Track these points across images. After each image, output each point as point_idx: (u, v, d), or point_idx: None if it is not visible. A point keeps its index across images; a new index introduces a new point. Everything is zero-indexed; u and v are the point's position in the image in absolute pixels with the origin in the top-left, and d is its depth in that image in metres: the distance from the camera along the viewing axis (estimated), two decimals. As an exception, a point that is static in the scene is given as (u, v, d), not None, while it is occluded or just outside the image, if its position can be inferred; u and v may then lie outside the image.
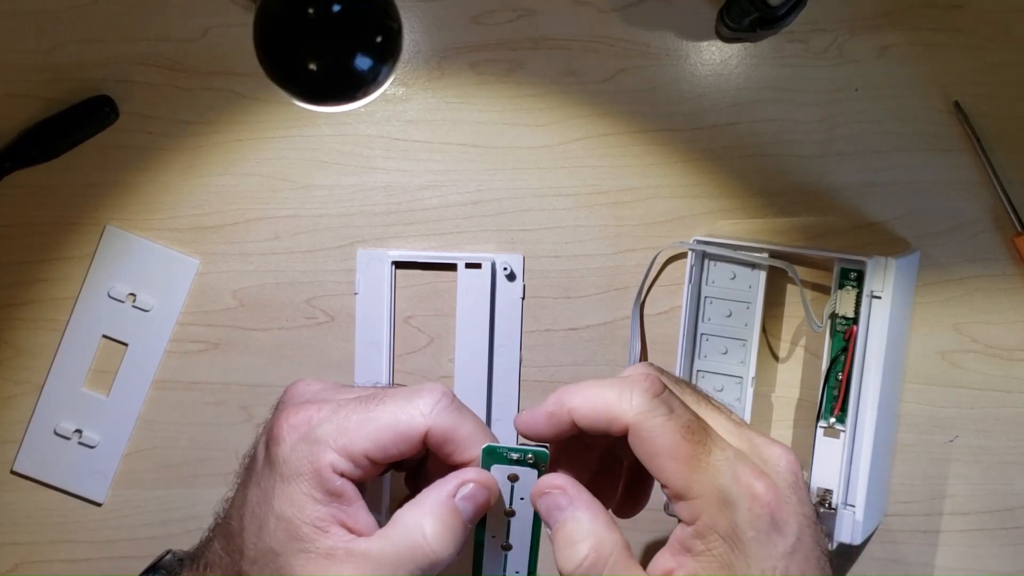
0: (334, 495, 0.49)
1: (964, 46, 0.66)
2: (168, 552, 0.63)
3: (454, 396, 0.51)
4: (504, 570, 0.52)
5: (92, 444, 0.69)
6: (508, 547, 0.52)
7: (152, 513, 0.70)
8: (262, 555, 0.50)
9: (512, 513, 0.52)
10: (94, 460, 0.69)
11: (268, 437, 0.52)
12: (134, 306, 0.68)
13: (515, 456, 0.51)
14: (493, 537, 0.52)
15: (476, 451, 0.50)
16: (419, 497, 0.50)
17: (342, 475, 0.50)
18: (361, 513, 0.50)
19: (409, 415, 0.50)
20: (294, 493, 0.50)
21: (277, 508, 0.50)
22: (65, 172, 0.68)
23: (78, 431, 0.69)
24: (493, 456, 0.51)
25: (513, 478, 0.51)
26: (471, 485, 0.50)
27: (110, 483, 0.69)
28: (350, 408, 0.51)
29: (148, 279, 0.68)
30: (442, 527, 0.49)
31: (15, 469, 0.69)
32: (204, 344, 0.69)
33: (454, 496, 0.50)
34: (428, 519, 0.49)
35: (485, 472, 0.51)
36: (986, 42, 0.66)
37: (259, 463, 0.52)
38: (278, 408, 0.54)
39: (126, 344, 0.69)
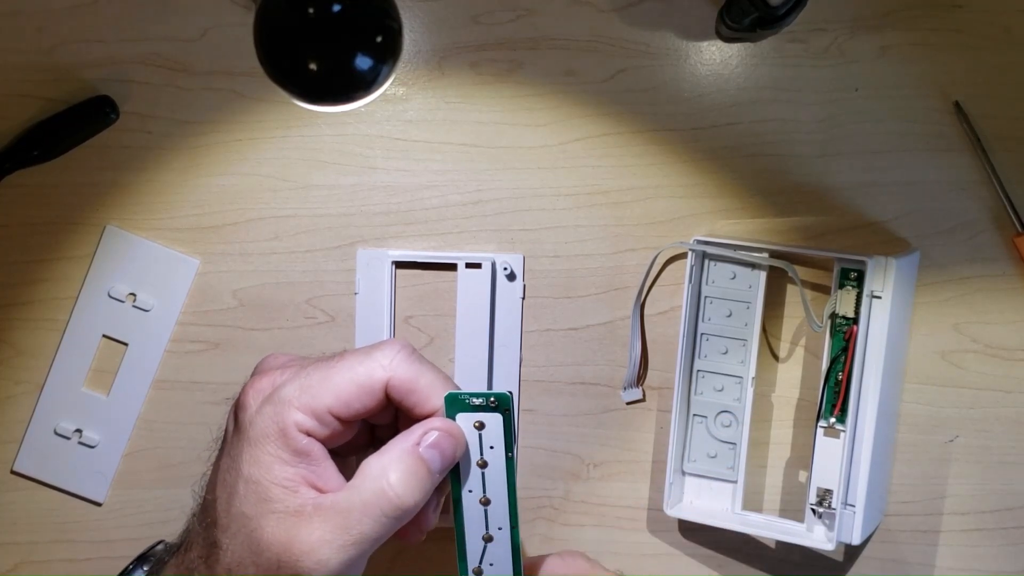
0: (301, 454, 0.50)
1: (964, 46, 0.66)
2: (160, 542, 0.63)
3: (413, 349, 0.52)
4: (487, 527, 0.52)
5: (92, 444, 0.69)
6: (487, 501, 0.52)
7: (152, 513, 0.70)
8: (234, 520, 0.50)
9: (485, 464, 0.52)
10: (94, 460, 0.69)
11: (235, 405, 0.52)
12: (134, 306, 0.68)
13: (478, 401, 0.51)
14: (470, 492, 0.52)
15: (439, 401, 0.51)
16: (385, 447, 0.50)
17: (308, 434, 0.50)
18: (330, 471, 0.50)
19: (368, 368, 0.50)
20: (261, 455, 0.50)
21: (245, 472, 0.50)
22: (65, 172, 0.68)
23: (78, 431, 0.69)
24: (456, 404, 0.51)
25: (479, 426, 0.51)
26: (435, 433, 0.50)
27: (110, 483, 0.69)
28: (311, 368, 0.51)
29: (148, 279, 0.68)
30: (407, 475, 0.49)
31: (15, 469, 0.69)
32: (204, 344, 0.69)
33: (419, 444, 0.50)
34: (392, 467, 0.49)
35: (449, 421, 0.51)
36: (986, 42, 0.66)
37: (229, 432, 0.52)
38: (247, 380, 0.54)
39: (126, 344, 0.69)
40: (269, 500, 0.49)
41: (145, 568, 0.61)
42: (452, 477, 0.52)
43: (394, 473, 0.49)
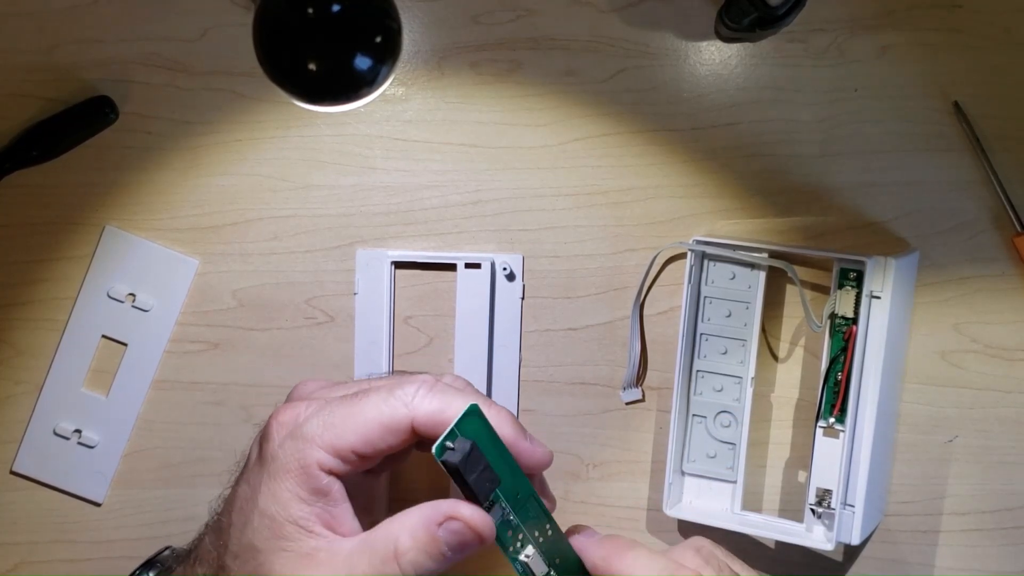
0: (320, 493, 0.49)
1: (964, 46, 0.66)
2: (167, 548, 0.63)
3: (436, 380, 0.51)
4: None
5: (92, 444, 0.69)
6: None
7: (152, 513, 0.70)
8: (244, 550, 0.50)
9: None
10: (94, 460, 0.69)
11: (260, 434, 0.52)
12: (134, 306, 0.68)
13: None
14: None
15: None
16: (411, 510, 0.49)
17: (329, 472, 0.49)
18: (346, 515, 0.50)
19: (392, 407, 0.50)
20: (280, 491, 0.49)
21: (262, 505, 0.50)
22: (65, 172, 0.68)
23: (78, 431, 0.69)
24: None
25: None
26: (458, 524, 0.48)
27: (110, 483, 0.69)
28: (336, 404, 0.51)
29: (148, 279, 0.68)
30: (419, 551, 0.48)
31: (15, 469, 0.69)
32: (204, 344, 0.69)
33: (440, 523, 0.48)
34: (406, 536, 0.48)
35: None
36: (986, 42, 0.66)
37: (251, 460, 0.52)
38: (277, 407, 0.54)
39: (126, 344, 0.69)
40: (282, 538, 0.49)
41: (152, 573, 0.61)
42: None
43: (406, 542, 0.48)
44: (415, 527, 0.48)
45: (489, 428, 0.51)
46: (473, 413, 0.50)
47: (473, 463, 0.49)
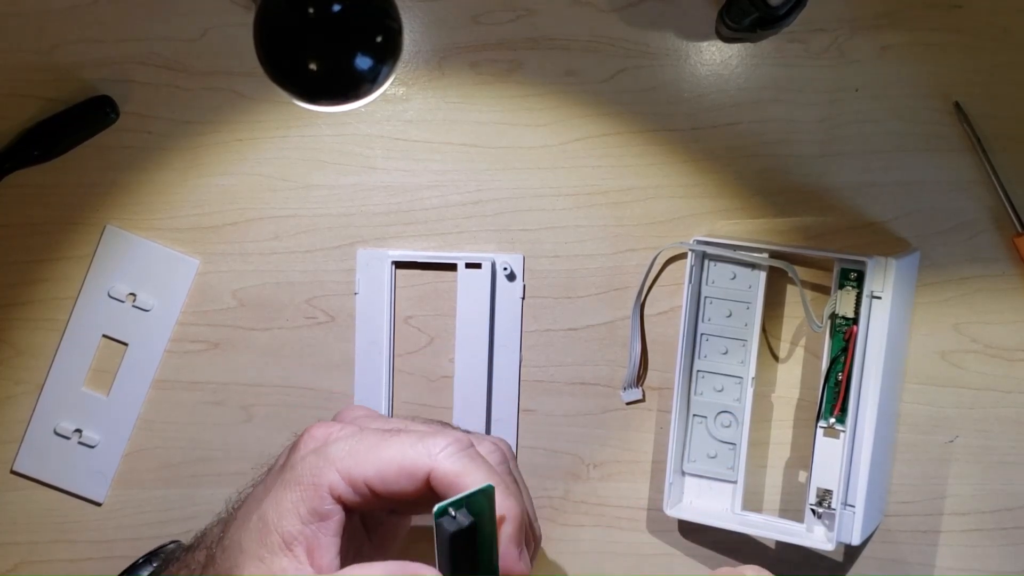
0: (319, 516, 0.49)
1: (964, 46, 0.66)
2: (173, 542, 0.63)
3: (470, 444, 0.50)
4: None
5: (92, 444, 0.69)
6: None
7: (152, 513, 0.70)
8: (232, 545, 0.50)
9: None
10: (94, 460, 0.69)
11: (292, 443, 0.52)
12: (134, 306, 0.68)
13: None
14: None
15: None
16: (377, 563, 0.49)
17: (338, 499, 0.49)
18: (330, 550, 0.49)
19: (416, 453, 0.50)
20: (284, 500, 0.49)
21: (264, 507, 0.50)
22: (65, 172, 0.68)
23: (78, 431, 0.69)
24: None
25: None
26: None
27: (110, 483, 0.69)
28: (367, 434, 0.51)
29: (148, 279, 0.68)
30: None
31: (15, 469, 0.69)
32: (204, 344, 0.69)
33: None
34: None
35: None
36: (986, 42, 0.66)
37: (277, 465, 0.53)
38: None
39: (126, 344, 0.69)
40: (265, 546, 0.49)
41: (154, 564, 0.61)
42: None
43: None
44: None
45: (493, 515, 0.50)
46: (487, 494, 0.49)
47: (464, 539, 0.48)
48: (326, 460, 0.50)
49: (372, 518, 0.56)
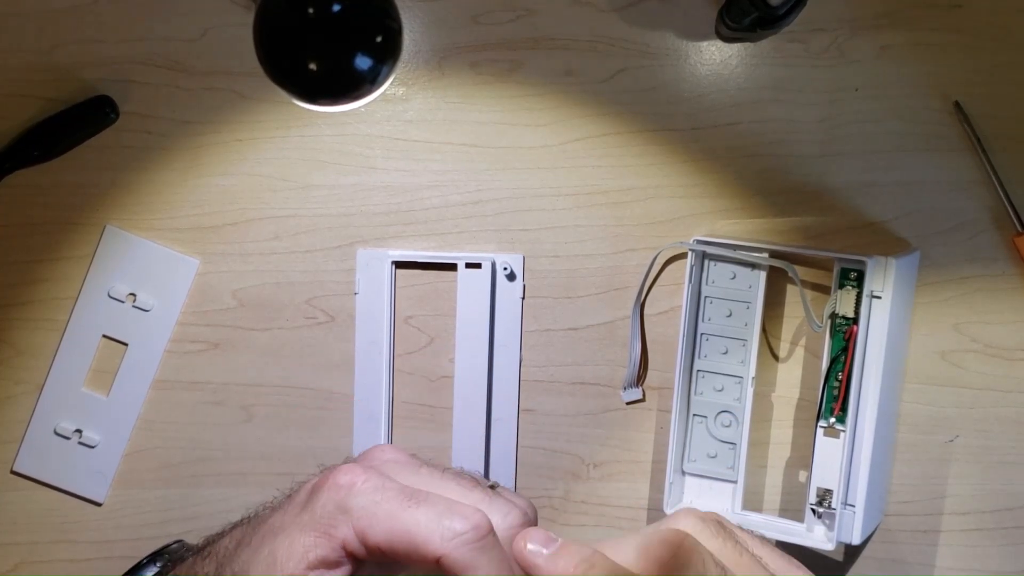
0: (327, 565, 0.49)
1: (964, 46, 0.66)
2: (177, 542, 0.63)
3: (489, 531, 0.48)
4: None
5: (92, 444, 0.69)
6: None
7: (152, 513, 0.70)
8: (241, 571, 0.50)
9: None
10: (94, 460, 0.69)
11: (317, 483, 0.52)
12: (134, 306, 0.68)
13: None
14: None
15: None
16: None
17: (351, 554, 0.49)
18: None
19: (430, 532, 0.48)
20: (297, 544, 0.49)
21: (277, 544, 0.50)
22: (65, 172, 0.68)
23: (78, 431, 0.69)
24: None
25: None
26: None
27: (110, 483, 0.69)
28: (389, 495, 0.49)
29: (148, 279, 0.68)
30: None
31: (15, 469, 0.69)
32: (204, 344, 0.69)
33: None
34: None
35: None
36: (986, 42, 0.66)
37: (299, 499, 0.52)
38: (346, 461, 0.53)
39: (126, 344, 0.69)
40: None
41: (159, 564, 0.61)
42: None
43: None
44: None
45: None
46: None
47: None
48: (345, 513, 0.49)
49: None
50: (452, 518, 0.48)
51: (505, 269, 0.68)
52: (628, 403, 0.69)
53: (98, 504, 0.70)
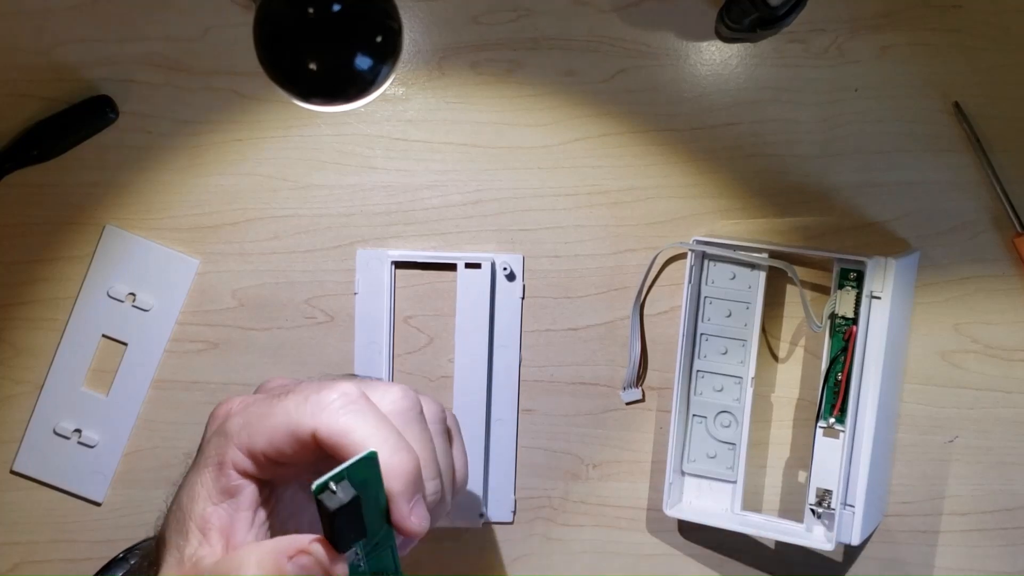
0: (228, 494, 0.48)
1: (964, 46, 0.66)
2: (150, 538, 0.63)
3: (359, 395, 0.47)
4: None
5: (92, 444, 0.69)
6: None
7: (152, 513, 0.68)
8: (160, 538, 0.50)
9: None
10: (94, 460, 0.69)
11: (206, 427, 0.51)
12: (134, 306, 0.68)
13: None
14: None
15: None
16: (268, 541, 0.46)
17: (244, 473, 0.48)
18: (244, 524, 0.48)
19: (300, 415, 0.47)
20: (196, 485, 0.48)
21: (179, 495, 0.49)
22: (65, 172, 0.68)
23: (78, 431, 0.69)
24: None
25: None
26: (308, 559, 0.45)
27: (110, 483, 0.69)
28: (259, 403, 0.48)
29: (148, 279, 0.68)
30: None
31: (15, 469, 0.69)
32: (204, 344, 0.69)
33: (291, 557, 0.45)
34: (253, 564, 0.45)
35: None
36: (985, 42, 0.66)
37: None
38: None
39: (126, 344, 0.69)
40: (181, 534, 0.48)
41: (132, 561, 0.60)
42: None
43: (251, 570, 0.45)
44: (263, 557, 0.45)
45: (380, 480, 0.46)
46: (369, 460, 0.45)
47: (348, 514, 0.45)
48: (226, 438, 0.48)
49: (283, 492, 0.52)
50: (319, 392, 0.47)
51: (505, 269, 0.68)
52: (628, 403, 0.69)
53: (97, 504, 0.70)
